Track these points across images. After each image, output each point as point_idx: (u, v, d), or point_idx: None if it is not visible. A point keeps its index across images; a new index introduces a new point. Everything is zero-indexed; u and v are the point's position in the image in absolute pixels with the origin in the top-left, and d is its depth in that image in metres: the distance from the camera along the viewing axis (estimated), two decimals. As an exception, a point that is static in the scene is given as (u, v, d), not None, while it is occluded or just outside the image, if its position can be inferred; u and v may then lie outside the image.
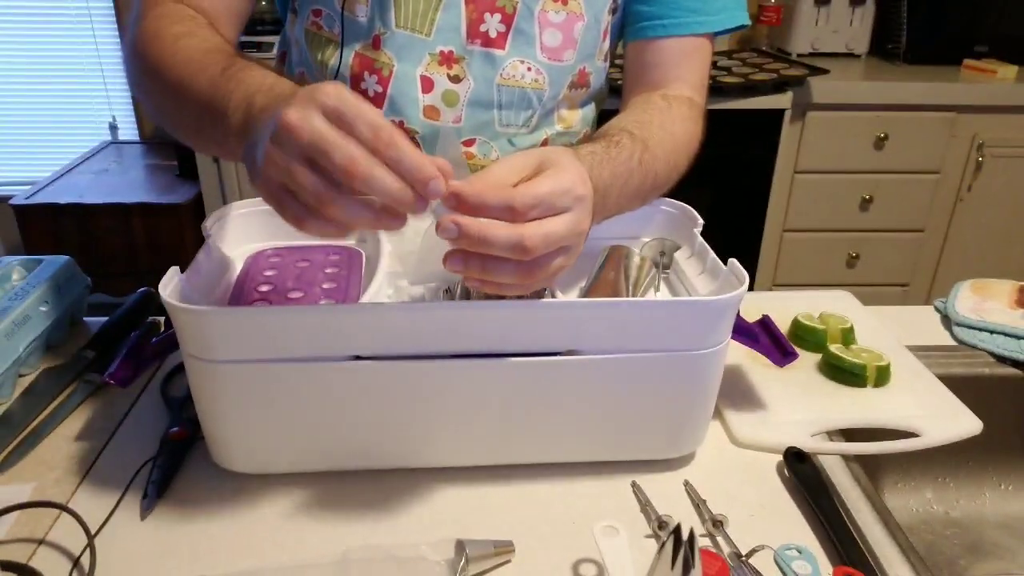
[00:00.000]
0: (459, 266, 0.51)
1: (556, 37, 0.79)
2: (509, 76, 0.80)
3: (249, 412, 0.60)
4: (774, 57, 2.22)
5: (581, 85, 0.84)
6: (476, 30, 0.78)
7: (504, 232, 0.49)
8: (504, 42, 0.79)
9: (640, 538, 0.59)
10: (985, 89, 2.05)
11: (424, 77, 0.79)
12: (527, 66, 0.80)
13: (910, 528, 0.80)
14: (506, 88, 0.80)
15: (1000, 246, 2.24)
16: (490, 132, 0.82)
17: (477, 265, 0.51)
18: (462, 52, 0.79)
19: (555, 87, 0.82)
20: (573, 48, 0.80)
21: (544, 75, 0.80)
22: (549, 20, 0.78)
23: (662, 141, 0.72)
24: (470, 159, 0.83)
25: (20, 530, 0.59)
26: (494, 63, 0.79)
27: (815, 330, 0.83)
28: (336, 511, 0.62)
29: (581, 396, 0.62)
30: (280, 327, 0.56)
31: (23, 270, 0.85)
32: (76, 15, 2.56)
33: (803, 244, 2.21)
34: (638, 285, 0.68)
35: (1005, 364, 0.84)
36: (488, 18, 0.78)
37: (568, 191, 0.52)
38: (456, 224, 0.48)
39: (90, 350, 0.80)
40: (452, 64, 0.79)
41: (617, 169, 0.64)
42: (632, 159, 0.66)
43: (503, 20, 0.78)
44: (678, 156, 0.74)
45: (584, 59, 0.82)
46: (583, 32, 0.80)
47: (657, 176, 0.70)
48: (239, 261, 0.72)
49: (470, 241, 0.49)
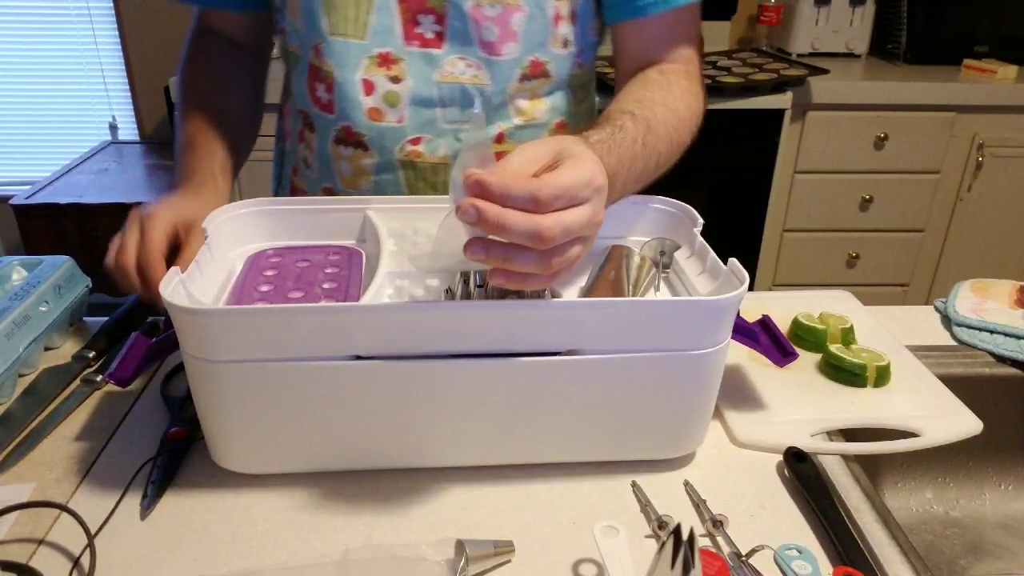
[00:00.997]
0: (481, 254, 0.51)
1: (492, 32, 0.78)
2: (448, 73, 0.79)
3: (249, 412, 0.60)
4: (774, 57, 2.22)
5: (536, 76, 0.82)
6: (412, 31, 0.78)
7: (523, 219, 0.49)
8: (441, 42, 0.79)
9: (640, 538, 0.59)
10: (985, 89, 2.05)
11: (365, 80, 0.79)
12: (466, 62, 0.79)
13: (910, 528, 0.80)
14: (446, 85, 0.80)
15: (1000, 246, 2.24)
16: (435, 130, 0.82)
17: (499, 253, 0.51)
18: (400, 53, 0.79)
19: (500, 82, 0.81)
20: (514, 41, 0.79)
21: (484, 71, 0.80)
22: (484, 15, 0.77)
23: (665, 120, 0.72)
24: (418, 157, 0.83)
25: (20, 530, 0.59)
26: (432, 62, 0.79)
27: (815, 330, 0.83)
28: (336, 511, 0.62)
29: (581, 396, 0.62)
30: (280, 327, 0.56)
31: (23, 270, 0.85)
32: (76, 15, 2.56)
33: (803, 244, 2.21)
34: (638, 285, 0.68)
35: (1005, 364, 0.84)
36: (422, 19, 0.78)
37: (589, 183, 0.53)
38: (475, 207, 0.49)
39: (90, 350, 0.80)
40: (391, 65, 0.79)
41: (623, 155, 0.65)
42: (636, 143, 0.67)
43: (437, 20, 0.78)
44: (680, 133, 0.75)
45: (533, 50, 0.81)
46: (525, 23, 0.79)
47: (660, 156, 0.71)
48: (239, 261, 0.72)
49: (488, 225, 0.49)
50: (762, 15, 2.32)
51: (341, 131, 0.83)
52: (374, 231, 0.73)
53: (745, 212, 2.13)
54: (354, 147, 0.83)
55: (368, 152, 0.83)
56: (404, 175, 0.84)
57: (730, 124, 1.97)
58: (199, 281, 0.64)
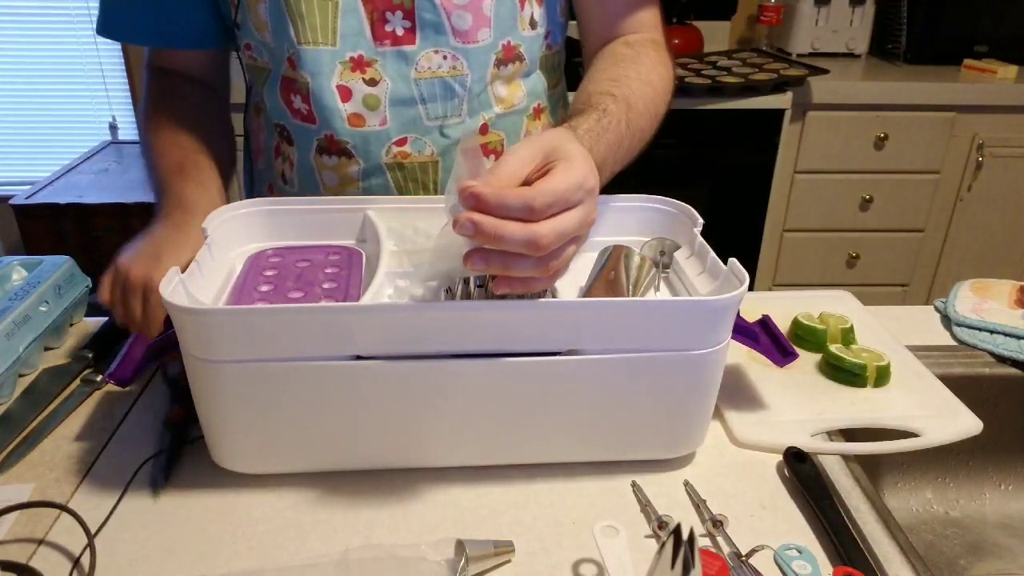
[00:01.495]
0: (481, 265, 0.53)
1: (465, 19, 0.78)
2: (424, 68, 0.79)
3: (249, 412, 0.60)
4: (774, 57, 2.22)
5: (509, 60, 0.82)
6: (382, 30, 0.77)
7: (519, 229, 0.51)
8: (414, 37, 0.78)
9: (640, 538, 0.59)
10: (985, 89, 2.05)
11: (340, 87, 0.79)
12: (442, 55, 0.79)
13: (910, 528, 0.80)
14: (424, 81, 0.79)
15: (1000, 246, 2.24)
16: (419, 128, 0.81)
17: (498, 262, 0.53)
18: (373, 55, 0.78)
19: (478, 69, 0.81)
20: (487, 26, 0.79)
21: (461, 60, 0.80)
22: (454, 3, 0.77)
23: (643, 94, 0.73)
24: (405, 158, 0.82)
25: (20, 530, 0.59)
26: (407, 59, 0.79)
27: (815, 330, 0.83)
28: (336, 511, 0.62)
29: (581, 396, 0.62)
30: (280, 327, 0.56)
31: (23, 270, 0.85)
32: (76, 15, 2.56)
33: (803, 244, 2.20)
34: (638, 285, 0.68)
35: (1005, 364, 0.84)
36: (391, 17, 0.77)
37: (581, 185, 0.54)
38: (472, 222, 0.50)
39: (90, 350, 0.80)
40: (365, 68, 0.78)
41: (610, 140, 0.66)
42: (620, 124, 0.68)
43: (406, 16, 0.77)
44: (657, 104, 0.76)
45: (505, 33, 0.81)
46: (495, 7, 0.79)
47: (643, 132, 0.73)
48: (239, 261, 0.72)
49: (485, 238, 0.51)
50: (762, 15, 2.32)
51: (324, 140, 0.82)
52: (374, 231, 0.73)
53: (745, 212, 2.13)
54: (338, 155, 0.82)
55: (353, 159, 0.82)
56: (392, 177, 0.83)
57: (730, 124, 1.97)
58: (199, 281, 0.64)
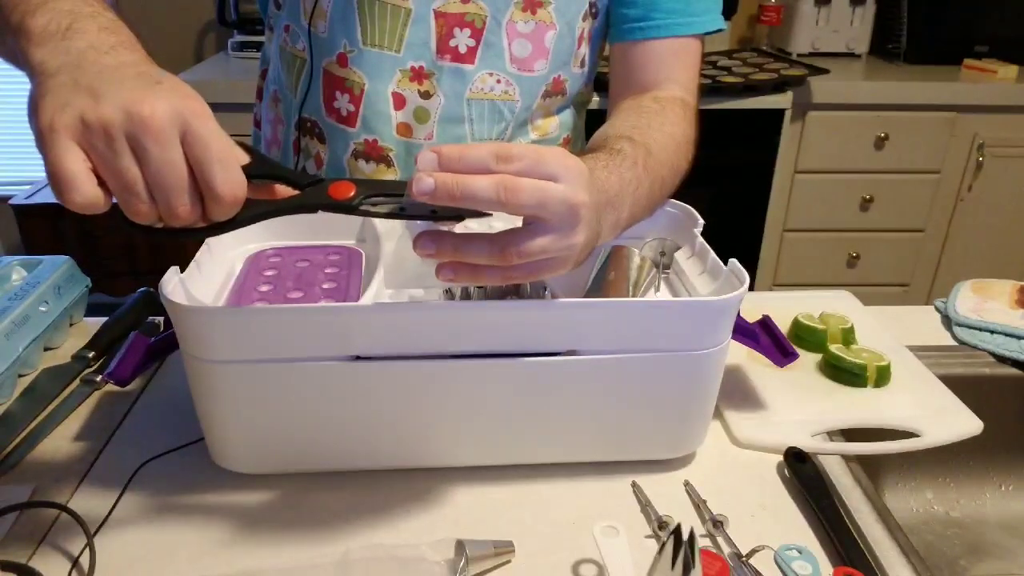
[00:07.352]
0: (450, 274, 0.50)
1: (525, 47, 0.78)
2: (478, 89, 0.79)
3: (249, 412, 0.60)
4: (774, 57, 2.22)
5: (556, 93, 0.83)
6: (446, 45, 0.77)
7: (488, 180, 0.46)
8: (474, 57, 0.78)
9: (640, 538, 0.59)
10: (985, 89, 2.05)
11: (396, 94, 0.79)
12: (496, 78, 0.79)
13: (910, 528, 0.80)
14: (476, 102, 0.80)
15: (1000, 246, 2.24)
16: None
17: (467, 272, 0.50)
18: (432, 67, 0.78)
19: (527, 97, 0.81)
20: (545, 58, 0.80)
21: (514, 86, 0.80)
22: (517, 31, 0.78)
23: (664, 146, 0.70)
24: None
25: (20, 530, 0.59)
26: (463, 78, 0.79)
27: (815, 330, 0.83)
28: (336, 511, 0.62)
29: (581, 396, 0.62)
30: (280, 327, 0.56)
31: (23, 270, 0.85)
32: (76, 15, 2.56)
33: (803, 244, 2.20)
34: (638, 285, 0.68)
35: (1005, 364, 0.84)
36: (458, 33, 0.77)
37: (560, 160, 0.49)
38: (432, 177, 0.45)
39: (90, 350, 0.80)
40: (423, 80, 0.78)
41: (624, 175, 0.61)
42: (637, 165, 0.63)
43: (472, 35, 0.77)
44: (679, 159, 0.73)
45: (558, 67, 0.81)
46: (555, 41, 0.79)
47: (664, 181, 0.69)
48: (239, 261, 0.72)
49: (449, 194, 0.46)
50: (762, 15, 2.32)
51: (363, 145, 0.81)
52: (374, 231, 0.73)
53: (745, 212, 2.13)
54: (377, 162, 0.82)
55: (392, 169, 0.82)
56: None
57: (730, 124, 1.97)
58: (199, 281, 0.64)
